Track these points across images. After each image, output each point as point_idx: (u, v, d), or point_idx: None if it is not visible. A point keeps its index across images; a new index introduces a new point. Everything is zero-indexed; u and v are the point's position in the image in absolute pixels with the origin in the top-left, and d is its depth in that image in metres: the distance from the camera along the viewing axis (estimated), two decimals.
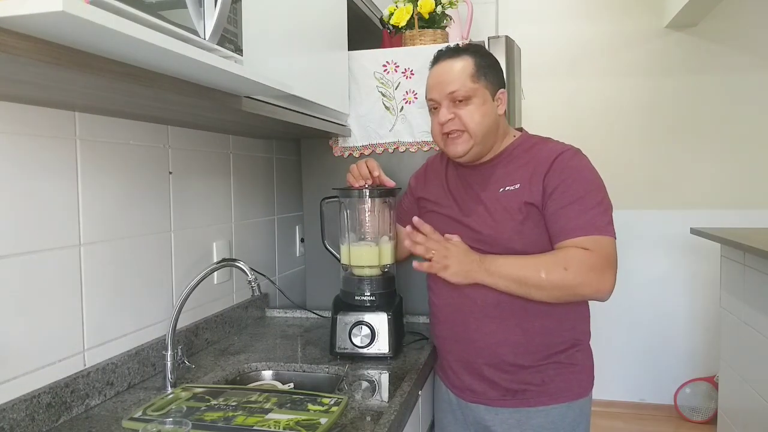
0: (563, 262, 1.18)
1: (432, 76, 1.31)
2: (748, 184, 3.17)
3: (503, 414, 1.31)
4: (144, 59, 0.76)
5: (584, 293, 1.21)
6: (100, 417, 1.07)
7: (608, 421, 3.24)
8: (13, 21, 0.57)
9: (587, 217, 1.20)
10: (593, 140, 3.31)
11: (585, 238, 1.19)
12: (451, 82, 1.25)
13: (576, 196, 1.21)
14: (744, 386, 2.38)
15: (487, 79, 1.27)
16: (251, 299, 1.76)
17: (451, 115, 1.26)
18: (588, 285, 1.18)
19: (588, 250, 1.18)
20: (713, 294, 3.14)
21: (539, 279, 1.18)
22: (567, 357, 1.29)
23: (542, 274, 1.18)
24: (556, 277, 1.17)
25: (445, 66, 1.28)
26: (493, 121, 1.28)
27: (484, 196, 1.30)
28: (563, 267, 1.17)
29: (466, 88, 1.25)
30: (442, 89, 1.27)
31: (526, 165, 1.28)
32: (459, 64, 1.26)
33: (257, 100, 1.16)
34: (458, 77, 1.25)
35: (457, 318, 1.33)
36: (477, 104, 1.26)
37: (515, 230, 1.24)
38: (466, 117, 1.25)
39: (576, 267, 1.17)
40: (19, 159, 0.99)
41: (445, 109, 1.27)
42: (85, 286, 1.13)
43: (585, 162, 1.27)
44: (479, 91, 1.26)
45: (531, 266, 1.20)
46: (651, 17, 3.23)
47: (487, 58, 1.30)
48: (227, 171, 1.68)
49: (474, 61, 1.26)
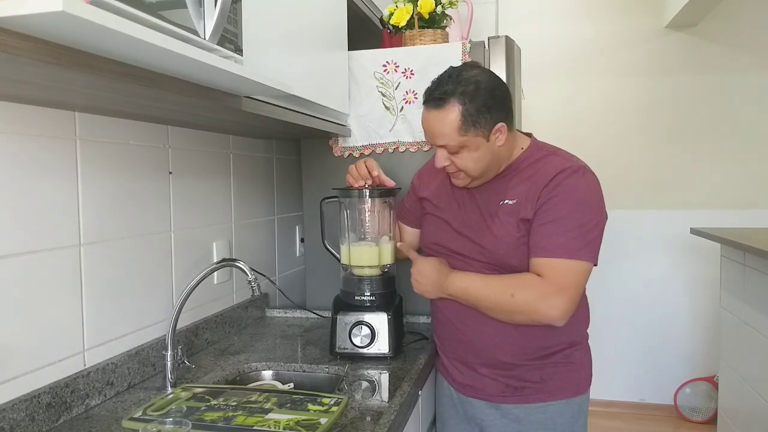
0: (512, 288, 1.20)
1: (423, 119, 1.26)
2: (748, 184, 3.17)
3: (502, 410, 1.32)
4: (144, 59, 0.76)
5: (534, 319, 1.20)
6: (100, 417, 1.07)
7: (608, 421, 3.24)
8: (13, 21, 0.57)
9: (559, 239, 1.18)
10: (593, 140, 3.32)
11: (546, 260, 1.18)
12: (439, 137, 1.22)
13: (557, 216, 1.19)
14: (744, 386, 2.38)
15: (476, 126, 1.19)
16: (251, 299, 1.76)
17: (447, 162, 1.25)
18: (535, 312, 1.18)
19: (540, 276, 1.18)
20: (713, 294, 3.14)
21: (489, 302, 1.23)
22: (564, 357, 1.30)
23: (491, 297, 1.22)
24: (503, 301, 1.20)
25: (432, 117, 1.22)
26: (492, 158, 1.25)
27: (485, 210, 1.29)
28: (510, 293, 1.19)
29: (455, 142, 1.21)
30: (432, 139, 1.25)
31: (528, 179, 1.26)
32: (445, 118, 1.19)
33: (257, 100, 1.15)
34: (446, 131, 1.20)
35: (456, 320, 1.34)
36: (470, 151, 1.22)
37: (512, 246, 1.23)
38: (461, 164, 1.24)
39: (521, 293, 1.18)
40: (19, 159, 0.99)
41: (440, 154, 1.26)
42: (85, 286, 1.13)
43: (583, 181, 1.22)
44: (469, 141, 1.20)
45: (483, 290, 1.24)
46: (651, 17, 3.23)
47: (476, 100, 1.18)
48: (227, 171, 1.68)
49: (461, 111, 1.18)
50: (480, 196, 1.32)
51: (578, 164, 1.25)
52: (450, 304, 1.34)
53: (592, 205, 1.22)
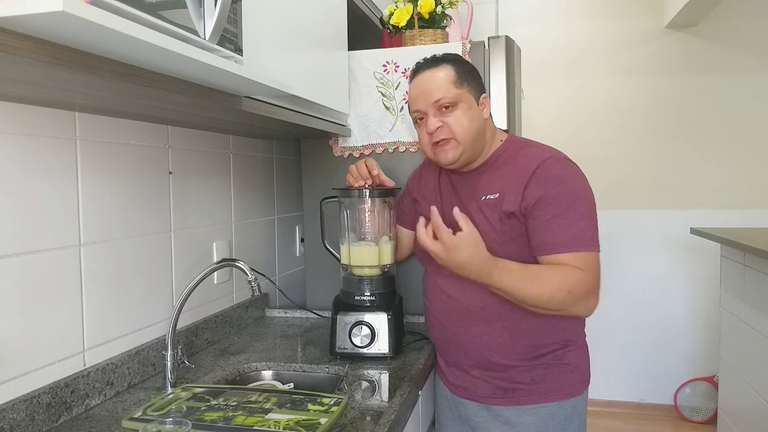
0: (568, 285, 1.16)
1: (414, 86, 1.30)
2: (748, 184, 3.17)
3: (494, 411, 1.31)
4: (144, 59, 0.76)
5: (575, 312, 1.21)
6: (100, 417, 1.07)
7: (608, 421, 3.24)
8: (13, 21, 0.57)
9: (573, 231, 1.18)
10: (593, 140, 3.32)
11: (574, 255, 1.18)
12: (435, 90, 1.25)
13: (560, 208, 1.19)
14: (744, 386, 2.38)
15: (469, 84, 1.27)
16: (251, 299, 1.76)
17: (439, 123, 1.25)
18: (581, 306, 1.20)
19: (582, 270, 1.17)
20: (713, 294, 3.14)
21: (542, 301, 1.17)
22: (556, 357, 1.28)
23: (545, 297, 1.17)
24: (558, 300, 1.17)
25: (427, 75, 1.27)
26: (480, 125, 1.27)
27: (470, 206, 1.29)
28: (567, 290, 1.16)
29: (451, 95, 1.24)
30: (427, 98, 1.26)
31: (509, 173, 1.27)
32: (440, 73, 1.26)
33: (257, 100, 1.16)
34: (442, 84, 1.24)
35: (446, 320, 1.34)
36: (464, 109, 1.25)
37: (496, 241, 1.22)
38: (453, 123, 1.24)
39: (578, 290, 1.17)
40: (19, 159, 0.99)
41: (432, 117, 1.26)
42: (85, 286, 1.13)
43: (569, 170, 1.24)
44: (464, 96, 1.25)
45: (536, 288, 1.17)
46: (651, 17, 3.23)
47: (465, 65, 1.30)
48: (227, 171, 1.68)
49: (454, 69, 1.26)
50: (463, 191, 1.33)
51: (558, 155, 1.27)
52: (440, 305, 1.34)
53: (587, 194, 1.23)
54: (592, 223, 1.21)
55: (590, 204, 1.23)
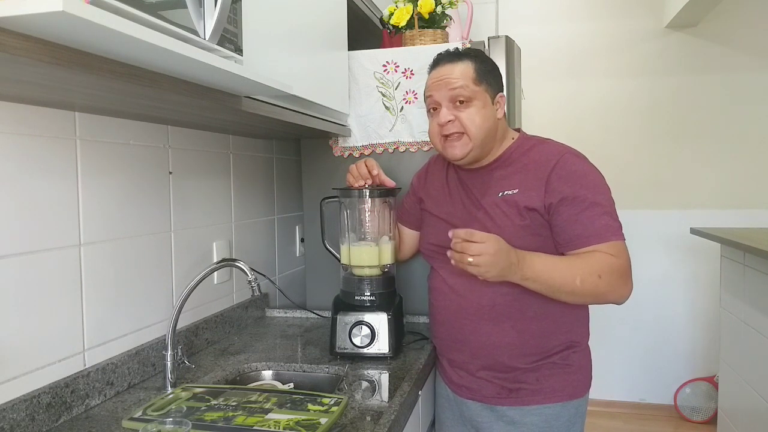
0: (597, 269, 1.17)
1: (433, 76, 1.31)
2: (748, 184, 3.17)
3: (498, 411, 1.31)
4: (144, 59, 0.77)
5: (610, 300, 1.21)
6: (100, 417, 1.07)
7: (608, 421, 3.24)
8: (13, 21, 0.57)
9: (602, 223, 1.20)
10: (593, 140, 3.32)
11: (607, 245, 1.19)
12: (453, 82, 1.25)
13: (588, 203, 1.20)
14: (744, 386, 2.38)
15: (487, 82, 1.27)
16: (251, 299, 1.76)
17: (451, 117, 1.26)
18: (614, 292, 1.20)
19: (614, 256, 1.18)
20: (713, 294, 3.14)
21: (574, 286, 1.17)
22: (562, 358, 1.28)
23: (577, 281, 1.17)
24: (590, 284, 1.17)
25: (447, 68, 1.28)
26: (493, 124, 1.28)
27: (485, 202, 1.30)
28: (597, 275, 1.17)
29: (468, 90, 1.25)
30: (443, 89, 1.27)
31: (524, 168, 1.28)
32: (461, 67, 1.27)
33: (257, 100, 1.16)
34: (460, 79, 1.25)
35: (453, 320, 1.33)
36: (478, 107, 1.26)
37: (516, 235, 1.22)
38: (466, 119, 1.25)
39: (608, 274, 1.17)
40: (19, 159, 0.99)
41: (445, 109, 1.27)
42: (85, 286, 1.13)
43: (588, 164, 1.27)
44: (480, 94, 1.26)
45: (567, 273, 1.18)
46: (651, 17, 3.23)
47: (486, 63, 1.30)
48: (227, 171, 1.68)
49: (474, 65, 1.27)
50: (478, 191, 1.33)
51: (572, 150, 1.29)
52: (448, 304, 1.34)
53: (607, 187, 1.26)
54: (615, 215, 1.23)
55: (611, 197, 1.25)
